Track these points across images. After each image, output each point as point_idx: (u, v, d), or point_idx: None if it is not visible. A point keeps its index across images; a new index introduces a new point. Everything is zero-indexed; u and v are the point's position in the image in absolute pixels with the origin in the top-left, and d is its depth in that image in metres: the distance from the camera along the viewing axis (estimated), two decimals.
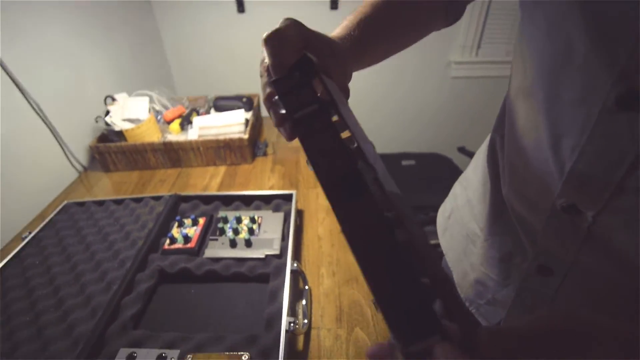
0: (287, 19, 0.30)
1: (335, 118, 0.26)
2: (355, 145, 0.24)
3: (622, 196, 0.28)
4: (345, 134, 0.25)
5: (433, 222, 0.64)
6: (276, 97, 0.29)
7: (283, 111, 0.28)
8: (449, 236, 0.57)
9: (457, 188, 0.60)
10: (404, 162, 1.86)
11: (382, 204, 0.21)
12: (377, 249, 0.20)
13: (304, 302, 0.58)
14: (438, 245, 0.60)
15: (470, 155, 1.97)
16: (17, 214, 0.81)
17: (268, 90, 0.31)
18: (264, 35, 0.29)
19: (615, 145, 0.27)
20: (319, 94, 0.27)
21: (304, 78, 0.27)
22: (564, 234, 0.34)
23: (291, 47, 0.29)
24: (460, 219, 0.55)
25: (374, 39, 0.41)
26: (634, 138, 0.25)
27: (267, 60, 0.30)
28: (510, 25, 1.60)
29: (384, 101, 1.83)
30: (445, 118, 1.87)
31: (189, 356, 0.47)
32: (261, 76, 0.33)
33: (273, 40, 0.29)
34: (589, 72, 0.27)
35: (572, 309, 0.20)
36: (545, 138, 0.32)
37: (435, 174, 1.79)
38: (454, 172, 1.76)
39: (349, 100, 0.34)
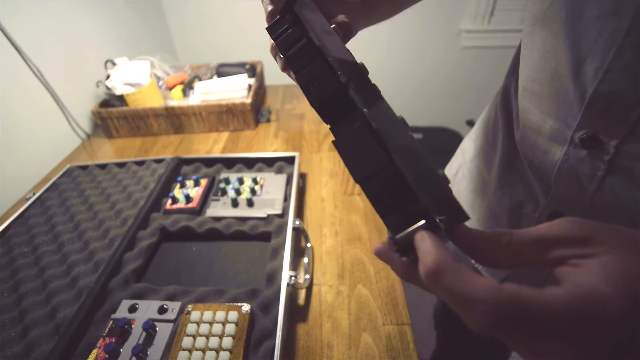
0: None
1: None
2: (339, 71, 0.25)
3: None
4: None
5: None
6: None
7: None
8: (455, 192, 0.55)
9: (465, 143, 0.58)
10: None
11: (364, 108, 0.22)
12: (364, 155, 0.22)
13: (305, 259, 0.57)
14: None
15: None
16: (21, 179, 0.81)
17: (272, 40, 0.31)
18: None
19: None
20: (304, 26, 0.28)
21: (293, 19, 0.28)
22: (581, 172, 0.32)
23: None
24: (468, 173, 0.53)
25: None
26: None
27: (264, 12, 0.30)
28: None
29: (391, 72, 1.77)
30: (455, 90, 1.81)
31: (189, 306, 0.47)
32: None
33: None
34: None
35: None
36: (566, 63, 0.30)
37: (443, 147, 1.75)
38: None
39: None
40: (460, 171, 0.55)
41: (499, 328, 0.15)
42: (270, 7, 0.30)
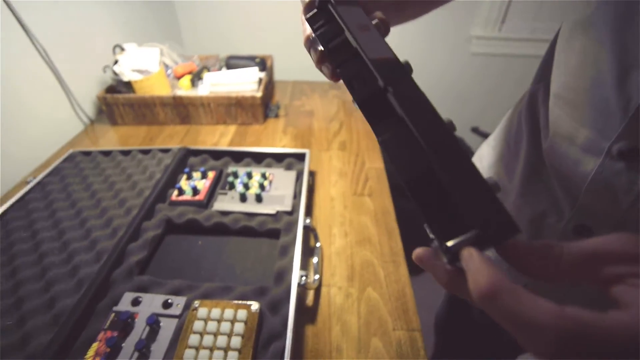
0: None
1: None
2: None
3: None
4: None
5: None
6: (313, 36, 0.30)
7: (320, 48, 0.29)
8: None
9: (483, 149, 0.57)
10: None
11: (410, 118, 0.21)
12: (413, 156, 0.22)
13: (315, 259, 0.55)
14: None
15: (485, 135, 1.91)
16: (21, 161, 0.79)
17: (307, 32, 0.30)
18: None
19: None
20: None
21: (333, 11, 0.28)
22: (617, 185, 0.31)
23: None
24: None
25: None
26: None
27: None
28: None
29: None
30: (461, 96, 1.80)
31: (196, 302, 0.45)
32: (302, 23, 0.32)
33: None
34: None
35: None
36: (609, 72, 0.29)
37: None
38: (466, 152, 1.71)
39: None
40: None
41: (564, 355, 0.14)
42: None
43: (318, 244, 0.57)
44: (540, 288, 0.42)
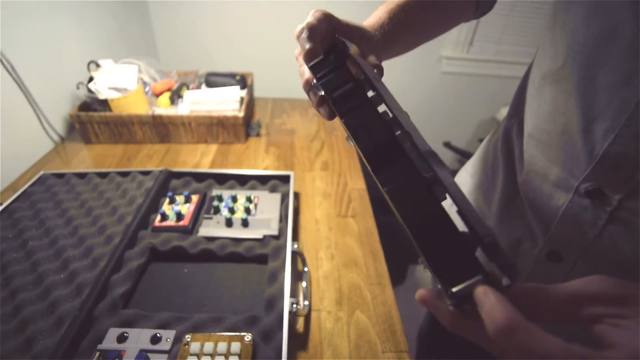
0: (317, 11, 0.32)
1: (370, 93, 0.28)
2: (392, 116, 0.26)
3: None
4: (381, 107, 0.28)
5: None
6: (314, 81, 0.30)
7: (321, 93, 0.30)
8: None
9: (462, 176, 0.60)
10: None
11: (420, 166, 0.23)
12: (417, 205, 0.23)
13: (304, 284, 0.56)
14: None
15: (456, 150, 2.01)
16: None
17: (307, 75, 0.31)
18: (296, 29, 0.31)
19: None
20: (353, 73, 0.29)
21: (338, 60, 0.29)
22: (583, 219, 0.35)
23: (321, 37, 0.31)
24: None
25: (404, 31, 0.41)
26: None
27: (301, 50, 0.31)
28: (502, 25, 1.63)
29: None
30: (433, 112, 1.89)
31: (187, 336, 0.44)
32: (300, 65, 0.33)
33: (305, 33, 0.30)
34: (633, 56, 0.27)
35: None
36: (576, 122, 0.33)
37: None
38: None
39: None
40: None
41: None
42: (309, 45, 0.30)
43: (306, 269, 0.58)
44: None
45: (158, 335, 0.46)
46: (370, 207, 0.75)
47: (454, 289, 0.20)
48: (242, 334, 0.45)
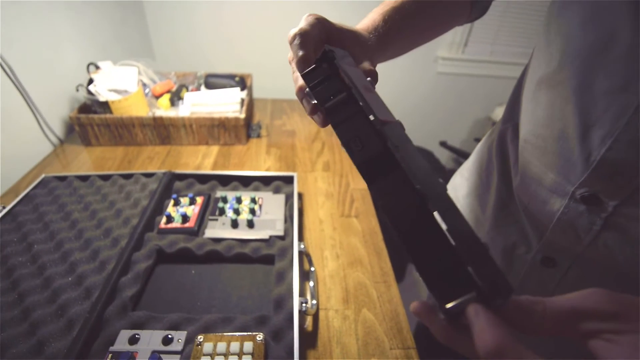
0: (310, 15, 0.31)
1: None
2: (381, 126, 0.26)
3: None
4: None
5: None
6: (307, 89, 0.30)
7: (314, 101, 0.30)
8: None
9: (457, 180, 0.61)
10: None
11: (413, 178, 0.22)
12: (411, 219, 0.22)
13: (311, 283, 0.57)
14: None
15: (452, 149, 2.03)
16: None
17: (300, 82, 0.31)
18: (289, 34, 0.31)
19: None
20: (346, 83, 0.28)
21: (331, 68, 0.28)
22: (579, 224, 0.35)
23: (314, 43, 0.30)
24: (462, 210, 0.56)
25: (398, 34, 0.40)
26: None
27: (294, 56, 0.30)
28: (496, 26, 1.65)
29: None
30: (429, 112, 1.91)
31: (199, 337, 0.45)
32: (293, 71, 0.33)
33: (297, 39, 0.30)
34: (632, 61, 0.27)
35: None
36: (573, 128, 0.33)
37: None
38: (435, 165, 1.81)
39: None
40: None
41: None
42: (301, 53, 0.29)
43: (312, 268, 0.59)
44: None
45: (169, 336, 0.46)
46: (373, 207, 0.76)
47: (448, 306, 0.20)
48: (254, 333, 0.46)
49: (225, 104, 0.93)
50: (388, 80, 1.80)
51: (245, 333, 0.46)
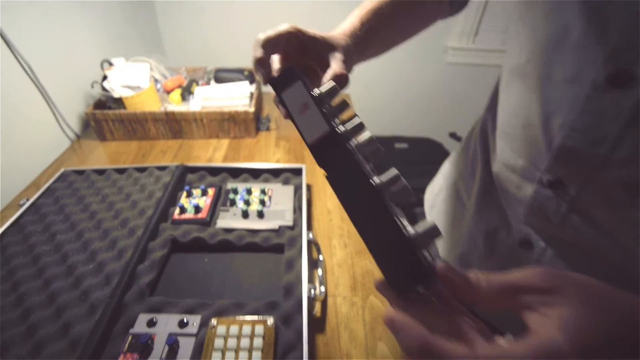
0: (283, 24, 0.33)
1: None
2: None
3: (604, 171, 0.30)
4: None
5: (423, 204, 0.66)
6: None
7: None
8: (436, 213, 0.60)
9: (446, 167, 0.62)
10: (397, 145, 1.88)
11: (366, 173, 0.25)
12: (363, 211, 0.25)
13: (319, 271, 0.59)
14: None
15: (461, 141, 2.01)
16: (10, 179, 0.77)
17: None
18: (256, 38, 0.32)
19: (601, 122, 0.29)
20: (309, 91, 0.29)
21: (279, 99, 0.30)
22: (548, 208, 0.37)
23: (272, 48, 0.33)
24: (449, 197, 0.57)
25: (376, 37, 0.42)
26: (618, 115, 0.28)
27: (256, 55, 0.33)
28: (508, 14, 1.62)
29: (378, 83, 1.82)
30: (439, 103, 1.89)
31: (213, 320, 0.47)
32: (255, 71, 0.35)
33: (256, 42, 0.33)
34: (582, 53, 0.29)
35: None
36: (536, 116, 0.34)
37: (426, 158, 1.82)
38: (445, 157, 1.80)
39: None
40: (442, 193, 0.59)
41: None
42: (256, 54, 0.32)
43: (321, 257, 0.61)
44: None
45: (185, 320, 0.48)
46: None
47: (399, 296, 0.24)
48: (264, 317, 0.48)
49: (235, 97, 0.95)
50: (397, 72, 1.78)
51: (256, 317, 0.48)
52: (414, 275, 0.23)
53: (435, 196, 0.62)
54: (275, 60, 0.35)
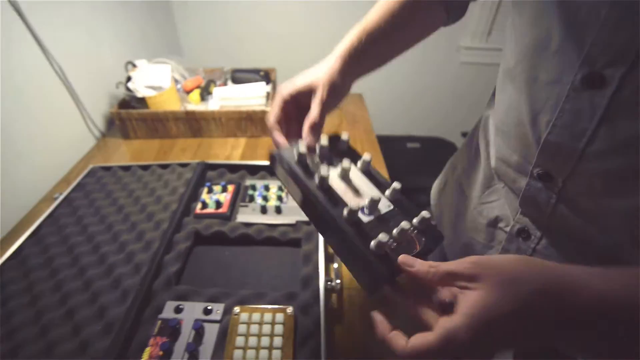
0: (277, 97, 0.44)
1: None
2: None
3: (584, 163, 0.33)
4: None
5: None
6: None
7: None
8: (441, 205, 0.63)
9: (451, 162, 0.64)
10: (409, 145, 1.89)
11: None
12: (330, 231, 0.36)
13: (335, 265, 0.61)
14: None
15: None
16: (43, 174, 0.81)
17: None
18: (266, 117, 0.44)
19: (580, 119, 0.32)
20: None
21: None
22: (539, 199, 0.39)
23: (278, 112, 0.44)
24: (455, 189, 0.59)
25: (375, 52, 0.47)
26: (594, 113, 0.31)
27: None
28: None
29: (391, 83, 1.83)
30: (451, 102, 1.89)
31: (236, 308, 0.50)
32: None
33: (270, 126, 0.43)
34: (562, 58, 0.32)
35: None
36: (526, 115, 0.37)
37: (438, 157, 1.82)
38: None
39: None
40: (447, 187, 0.63)
41: None
42: (269, 122, 0.44)
43: None
44: None
45: (209, 307, 0.52)
46: None
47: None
48: (284, 306, 0.50)
49: (252, 97, 0.98)
50: (410, 71, 1.79)
51: (277, 306, 0.51)
52: (375, 280, 0.31)
53: (442, 190, 0.65)
54: (277, 136, 0.43)
